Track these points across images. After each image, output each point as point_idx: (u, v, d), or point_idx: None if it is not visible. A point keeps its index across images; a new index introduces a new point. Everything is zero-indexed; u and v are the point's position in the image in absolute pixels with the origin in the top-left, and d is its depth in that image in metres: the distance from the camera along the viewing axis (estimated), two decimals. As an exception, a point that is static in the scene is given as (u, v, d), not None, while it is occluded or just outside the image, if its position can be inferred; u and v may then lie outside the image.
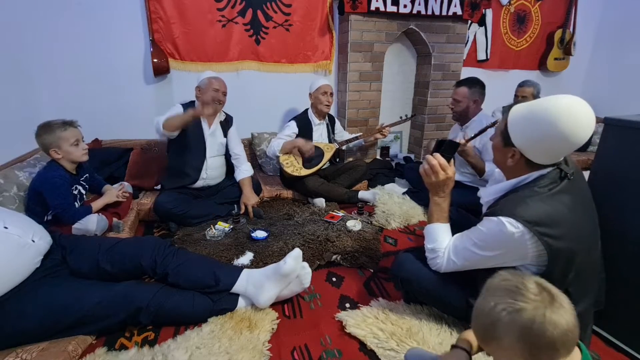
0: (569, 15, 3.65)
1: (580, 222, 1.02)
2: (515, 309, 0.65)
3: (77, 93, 2.48)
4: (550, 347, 0.63)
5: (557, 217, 0.97)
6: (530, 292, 0.66)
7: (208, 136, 2.25)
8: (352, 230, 2.08)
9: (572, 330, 0.64)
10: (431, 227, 1.27)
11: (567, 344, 0.64)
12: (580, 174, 1.11)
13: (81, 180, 1.83)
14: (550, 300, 0.65)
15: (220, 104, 2.23)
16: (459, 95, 2.24)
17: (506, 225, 0.99)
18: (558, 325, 0.63)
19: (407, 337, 1.26)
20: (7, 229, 1.17)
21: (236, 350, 1.21)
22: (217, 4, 2.60)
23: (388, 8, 2.72)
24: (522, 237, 0.98)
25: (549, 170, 1.04)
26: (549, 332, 0.62)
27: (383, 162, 3.20)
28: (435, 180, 1.21)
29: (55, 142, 1.65)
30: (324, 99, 2.54)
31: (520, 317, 0.64)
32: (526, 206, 0.98)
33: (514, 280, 0.69)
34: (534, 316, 0.63)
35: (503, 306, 0.66)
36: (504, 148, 1.09)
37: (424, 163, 1.24)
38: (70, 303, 1.20)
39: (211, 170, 2.29)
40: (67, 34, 2.35)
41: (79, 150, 1.72)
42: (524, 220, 0.97)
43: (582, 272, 1.03)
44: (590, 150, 3.53)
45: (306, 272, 1.49)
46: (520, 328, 0.64)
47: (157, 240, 1.49)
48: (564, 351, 0.65)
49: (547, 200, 0.99)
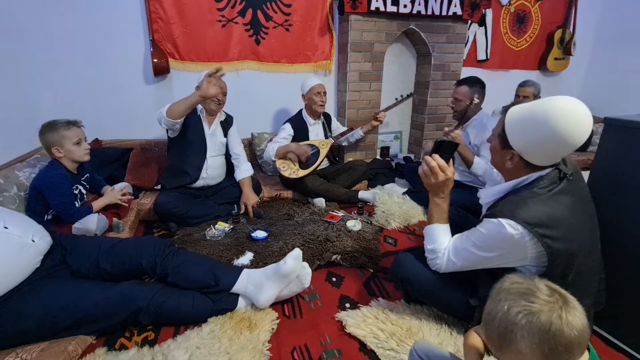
0: (569, 15, 3.65)
1: (580, 223, 1.02)
2: (531, 312, 0.64)
3: (77, 93, 2.48)
4: (567, 348, 0.63)
5: (557, 218, 0.97)
6: (543, 294, 0.65)
7: (208, 136, 2.25)
8: (352, 230, 2.08)
9: (586, 331, 0.63)
10: (431, 228, 1.27)
11: (581, 345, 0.64)
12: (580, 174, 1.11)
13: (82, 180, 1.84)
14: (563, 301, 0.65)
15: (220, 104, 2.22)
16: (460, 94, 2.25)
17: (506, 227, 0.99)
18: (574, 326, 0.62)
19: (407, 337, 1.26)
20: (7, 229, 1.17)
21: (236, 350, 1.21)
22: (217, 4, 2.60)
23: (388, 8, 2.72)
24: (522, 238, 0.98)
25: (547, 171, 1.04)
26: (567, 333, 0.62)
27: (383, 162, 3.20)
28: (435, 181, 1.21)
29: (58, 140, 1.66)
30: (317, 99, 2.52)
31: (537, 320, 0.63)
32: (526, 207, 0.98)
33: (526, 283, 0.69)
34: (551, 318, 0.62)
35: (518, 309, 0.65)
36: (502, 150, 1.09)
37: (423, 164, 1.23)
38: (70, 303, 1.20)
39: (211, 169, 2.29)
40: (68, 33, 2.35)
41: (81, 149, 1.73)
42: (523, 221, 0.97)
43: (582, 273, 1.03)
44: (590, 150, 3.53)
45: (306, 272, 1.49)
46: (539, 331, 0.63)
47: (157, 240, 1.49)
48: (578, 352, 0.64)
49: (546, 201, 0.99)
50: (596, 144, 1.35)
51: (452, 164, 1.23)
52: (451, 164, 1.23)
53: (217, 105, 2.20)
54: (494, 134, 1.15)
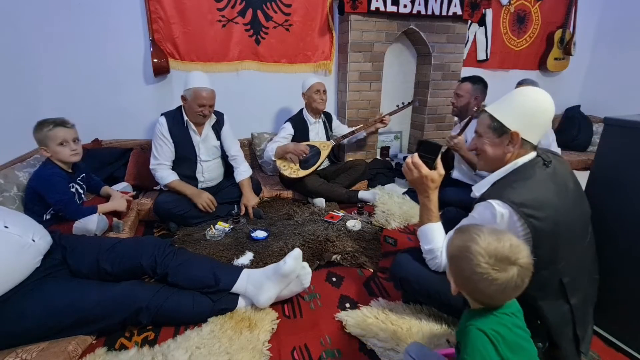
0: (569, 15, 3.65)
1: (566, 209, 1.04)
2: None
3: (77, 93, 2.47)
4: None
5: (542, 200, 1.01)
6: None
7: (201, 142, 2.20)
8: (352, 230, 2.08)
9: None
10: (424, 228, 1.28)
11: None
12: (565, 163, 1.16)
13: (78, 179, 1.82)
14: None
15: (206, 116, 2.13)
16: (462, 90, 2.25)
17: (494, 207, 1.02)
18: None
19: (407, 337, 1.26)
20: (7, 229, 1.17)
21: (236, 350, 1.21)
22: (217, 4, 2.60)
23: (388, 8, 2.72)
24: (511, 218, 1.01)
25: (531, 157, 1.11)
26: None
27: (383, 162, 3.20)
28: (411, 178, 1.26)
29: (42, 140, 1.65)
30: (317, 97, 2.53)
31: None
32: (512, 190, 1.03)
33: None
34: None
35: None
36: (500, 138, 1.12)
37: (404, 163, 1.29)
38: (70, 303, 1.20)
39: (208, 173, 2.29)
40: (67, 33, 2.35)
41: (66, 150, 1.68)
42: (510, 201, 1.00)
43: (573, 263, 1.05)
44: (590, 150, 3.54)
45: (306, 272, 1.49)
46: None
47: (157, 240, 1.49)
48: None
49: (532, 185, 1.04)
50: (596, 144, 1.35)
51: (440, 165, 1.23)
52: (438, 165, 1.23)
53: (203, 117, 2.12)
54: (481, 133, 1.17)
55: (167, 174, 2.13)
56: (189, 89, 2.04)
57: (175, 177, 2.15)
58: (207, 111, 2.10)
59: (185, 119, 2.13)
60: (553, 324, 1.06)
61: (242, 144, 2.52)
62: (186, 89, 2.06)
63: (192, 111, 2.08)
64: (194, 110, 2.06)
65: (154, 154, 2.13)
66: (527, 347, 0.76)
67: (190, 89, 2.03)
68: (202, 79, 2.07)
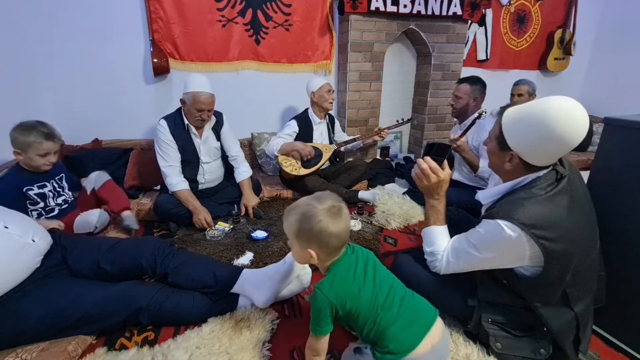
0: (569, 16, 3.66)
1: (578, 224, 1.02)
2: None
3: (77, 93, 2.47)
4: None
5: (554, 220, 0.97)
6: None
7: (201, 144, 2.20)
8: (352, 230, 2.08)
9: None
10: (428, 230, 1.27)
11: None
12: (578, 173, 1.11)
13: (56, 178, 1.73)
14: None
15: (204, 120, 2.10)
16: (460, 91, 2.25)
17: (504, 228, 0.99)
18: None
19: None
20: (7, 229, 1.17)
21: (236, 350, 1.21)
22: (217, 4, 2.60)
23: (388, 8, 2.72)
24: (520, 239, 0.98)
25: (545, 172, 1.04)
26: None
27: (383, 162, 3.20)
28: (428, 183, 1.21)
29: (23, 146, 1.55)
30: (328, 96, 2.56)
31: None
32: (523, 209, 0.98)
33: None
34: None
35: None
36: (501, 152, 1.08)
37: (415, 167, 1.23)
38: (70, 303, 1.20)
39: (208, 174, 2.29)
40: (67, 33, 2.35)
41: (43, 161, 1.60)
42: (520, 223, 0.97)
43: (580, 273, 1.04)
44: (590, 150, 3.54)
45: (306, 272, 1.49)
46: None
47: (157, 240, 1.49)
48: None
49: (543, 202, 0.99)
50: (596, 144, 1.35)
51: (447, 165, 1.22)
52: (446, 166, 1.22)
53: (201, 122, 2.11)
54: (490, 137, 1.14)
55: (177, 181, 2.10)
56: (187, 92, 2.02)
57: (185, 187, 2.11)
58: (206, 116, 2.08)
59: (186, 123, 2.12)
60: (558, 330, 1.06)
61: (242, 144, 2.51)
62: (185, 93, 2.04)
63: (190, 115, 2.07)
64: (192, 114, 2.05)
65: (161, 156, 2.10)
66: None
67: (189, 92, 2.01)
68: (201, 83, 2.03)
